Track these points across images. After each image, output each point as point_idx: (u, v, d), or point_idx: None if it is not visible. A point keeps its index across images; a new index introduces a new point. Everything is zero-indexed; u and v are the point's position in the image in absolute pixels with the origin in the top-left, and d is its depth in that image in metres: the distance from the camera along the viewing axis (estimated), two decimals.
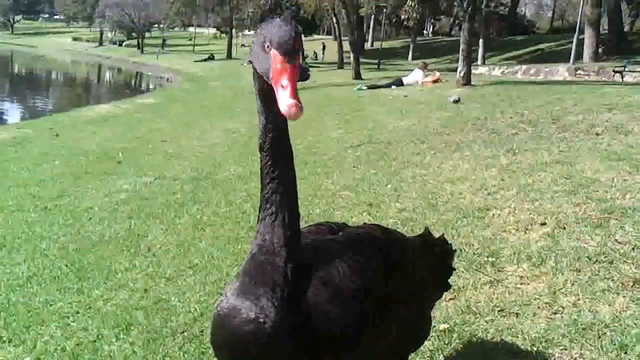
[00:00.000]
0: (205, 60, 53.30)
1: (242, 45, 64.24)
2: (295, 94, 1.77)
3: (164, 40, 76.06)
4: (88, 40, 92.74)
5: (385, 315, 2.17)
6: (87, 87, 39.70)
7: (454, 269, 3.07)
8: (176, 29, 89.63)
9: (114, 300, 4.57)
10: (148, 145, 12.07)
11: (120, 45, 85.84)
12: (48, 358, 3.79)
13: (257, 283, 1.95)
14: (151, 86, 37.84)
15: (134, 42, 79.72)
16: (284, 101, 1.76)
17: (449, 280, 2.99)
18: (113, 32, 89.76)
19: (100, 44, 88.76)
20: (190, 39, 75.45)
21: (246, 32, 61.81)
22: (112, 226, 6.42)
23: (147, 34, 79.50)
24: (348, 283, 2.10)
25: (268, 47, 1.85)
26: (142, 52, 71.21)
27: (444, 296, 3.89)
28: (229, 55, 57.46)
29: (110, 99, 25.83)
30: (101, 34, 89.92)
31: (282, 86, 1.79)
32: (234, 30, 60.39)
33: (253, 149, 10.85)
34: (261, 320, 1.90)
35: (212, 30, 78.36)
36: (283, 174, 2.03)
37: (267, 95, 1.94)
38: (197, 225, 6.22)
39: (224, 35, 67.12)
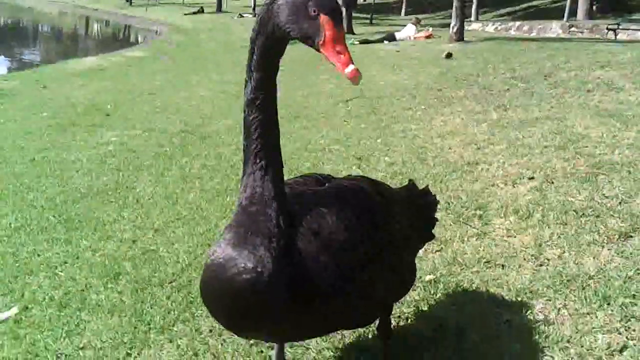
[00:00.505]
0: (195, 13, 52.31)
1: None
2: (351, 58, 1.84)
3: None
4: None
5: (372, 265, 2.18)
6: (74, 39, 38.99)
7: (437, 220, 3.08)
8: None
9: (102, 250, 4.57)
10: (136, 98, 11.93)
11: None
12: (36, 307, 3.80)
13: (251, 233, 1.95)
14: (140, 39, 37.24)
15: None
16: (347, 68, 1.82)
17: (432, 231, 3.02)
18: None
19: None
20: None
21: None
22: (100, 178, 6.38)
23: None
24: (337, 234, 2.10)
25: (315, 11, 1.85)
26: (130, 4, 69.80)
27: (430, 248, 3.95)
28: (219, 9, 56.49)
29: (98, 51, 25.42)
30: None
31: (339, 52, 1.84)
32: None
33: (242, 103, 10.74)
34: (259, 269, 1.90)
35: None
36: (272, 130, 2.05)
37: (273, 53, 1.99)
38: (186, 178, 6.19)
39: None
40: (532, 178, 4.93)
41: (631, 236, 3.74)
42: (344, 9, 30.11)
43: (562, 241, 3.81)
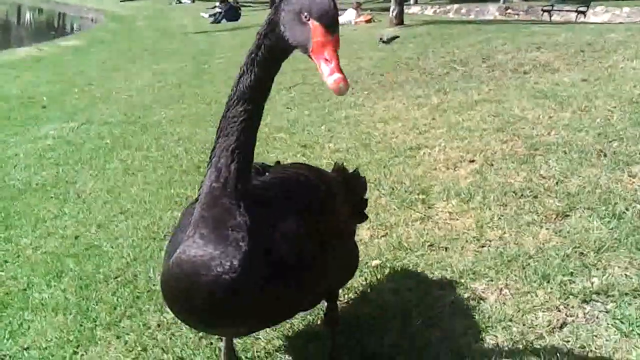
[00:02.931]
0: None
1: None
2: (340, 67, 1.75)
3: None
4: None
5: (322, 251, 2.22)
6: (5, 28, 37.62)
7: (367, 200, 3.13)
8: None
9: (44, 248, 4.47)
10: (74, 89, 11.64)
11: None
12: None
13: (223, 233, 1.91)
14: (75, 27, 36.24)
15: None
16: (332, 77, 1.73)
17: (365, 211, 3.10)
18: None
19: None
20: None
21: None
22: (39, 173, 6.24)
23: None
24: (290, 224, 2.13)
25: (306, 17, 1.79)
26: None
27: (376, 233, 4.01)
28: None
29: (32, 41, 24.63)
30: None
31: (327, 60, 1.76)
32: None
33: (183, 92, 10.65)
34: (229, 264, 1.88)
35: None
36: (253, 127, 2.01)
37: (281, 57, 1.96)
38: (128, 171, 6.10)
39: None
40: (473, 161, 5.03)
41: (568, 215, 3.87)
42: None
43: (503, 222, 3.91)
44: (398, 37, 13.85)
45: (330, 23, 1.78)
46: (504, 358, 2.69)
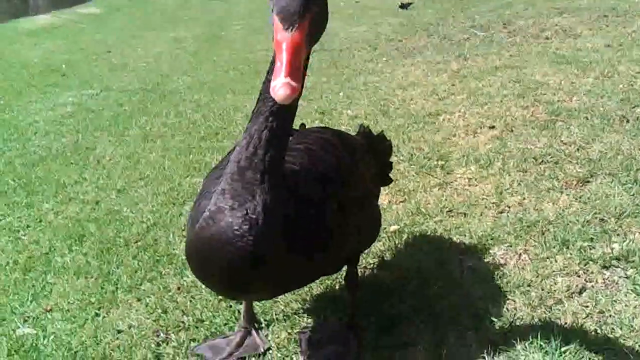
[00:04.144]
0: None
1: None
2: (290, 71, 1.53)
3: None
4: None
5: (346, 216, 2.22)
6: None
7: (392, 163, 3.14)
8: None
9: (65, 213, 4.52)
10: (92, 57, 11.65)
11: None
12: (1, 272, 3.77)
13: (244, 202, 1.87)
14: None
15: None
16: (275, 80, 1.54)
17: (389, 175, 3.11)
18: None
19: None
20: None
21: None
22: (59, 140, 6.28)
23: None
24: (315, 192, 2.13)
25: (272, 7, 1.63)
26: None
27: (394, 199, 4.01)
28: None
29: (50, 8, 24.61)
30: None
31: (279, 60, 1.57)
32: None
33: (201, 59, 10.61)
34: (257, 238, 1.86)
35: None
36: None
37: None
38: (147, 137, 6.12)
39: None
40: (493, 127, 4.98)
41: (589, 181, 3.83)
42: None
43: (522, 188, 3.88)
44: (412, 3, 13.65)
45: (286, 18, 1.59)
46: (523, 322, 2.69)
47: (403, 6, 13.42)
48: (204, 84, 8.47)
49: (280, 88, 1.52)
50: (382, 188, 3.07)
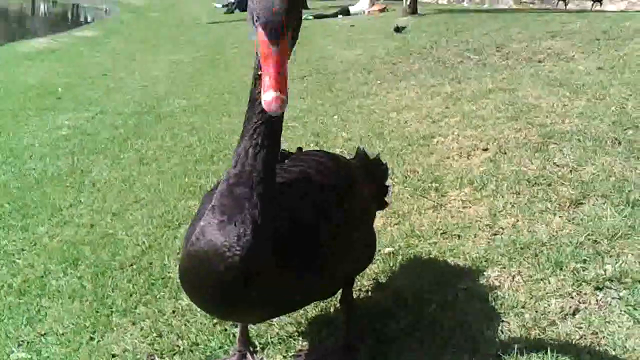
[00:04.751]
0: None
1: None
2: (279, 85, 1.60)
3: None
4: None
5: (341, 238, 2.24)
6: (21, 20, 37.85)
7: (389, 187, 3.15)
8: None
9: (60, 236, 4.53)
10: (88, 80, 11.73)
11: None
12: None
13: (236, 220, 1.89)
14: (89, 18, 36.37)
15: None
16: (265, 94, 1.60)
17: (385, 199, 3.11)
18: None
19: None
20: None
21: None
22: (55, 163, 6.30)
23: None
24: (308, 213, 2.15)
25: (256, 20, 1.66)
26: None
27: (389, 221, 4.02)
28: None
29: (47, 32, 24.77)
30: None
31: (267, 73, 1.62)
32: None
33: (197, 82, 10.68)
34: (246, 256, 1.87)
35: None
36: None
37: None
38: (142, 160, 6.15)
39: None
40: (486, 149, 5.02)
41: (582, 203, 3.85)
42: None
43: (516, 210, 3.90)
44: (406, 27, 13.78)
45: (272, 31, 1.63)
46: (517, 343, 2.69)
47: (398, 30, 13.55)
48: (200, 106, 8.52)
49: (272, 102, 1.59)
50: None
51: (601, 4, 21.09)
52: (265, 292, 1.99)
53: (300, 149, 3.09)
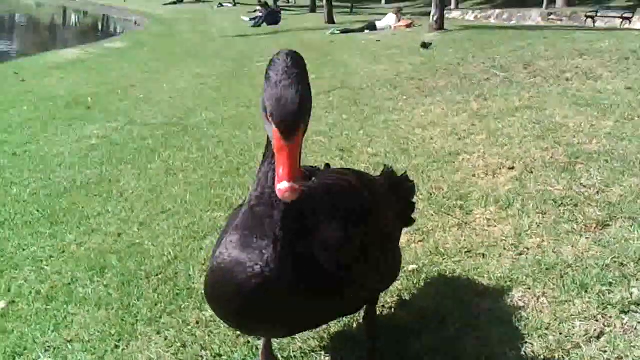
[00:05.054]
0: (174, 3, 51.95)
1: None
2: (292, 175, 1.69)
3: None
4: None
5: (366, 259, 2.25)
6: (52, 30, 38.58)
7: (415, 204, 3.16)
8: None
9: (88, 244, 4.59)
10: (117, 91, 11.89)
11: None
12: (23, 301, 3.82)
13: (257, 236, 1.94)
14: (119, 30, 36.95)
15: None
16: (279, 184, 1.69)
17: (412, 216, 3.12)
18: None
19: None
20: None
21: None
22: (83, 172, 6.39)
23: None
24: (333, 232, 2.16)
25: (270, 116, 1.75)
26: None
27: (413, 238, 4.03)
28: None
29: (77, 42, 25.20)
30: None
31: (281, 164, 1.71)
32: None
33: (224, 95, 10.79)
34: (265, 271, 1.92)
35: None
36: None
37: None
38: (169, 171, 6.21)
39: None
40: (512, 168, 5.01)
41: (608, 225, 3.83)
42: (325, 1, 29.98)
43: (541, 230, 3.89)
44: (432, 43, 13.82)
45: (286, 131, 1.72)
46: None
47: (425, 46, 13.58)
48: (226, 119, 8.60)
49: (285, 192, 1.68)
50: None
51: (630, 22, 20.94)
52: (287, 308, 2.01)
53: (327, 165, 3.12)
